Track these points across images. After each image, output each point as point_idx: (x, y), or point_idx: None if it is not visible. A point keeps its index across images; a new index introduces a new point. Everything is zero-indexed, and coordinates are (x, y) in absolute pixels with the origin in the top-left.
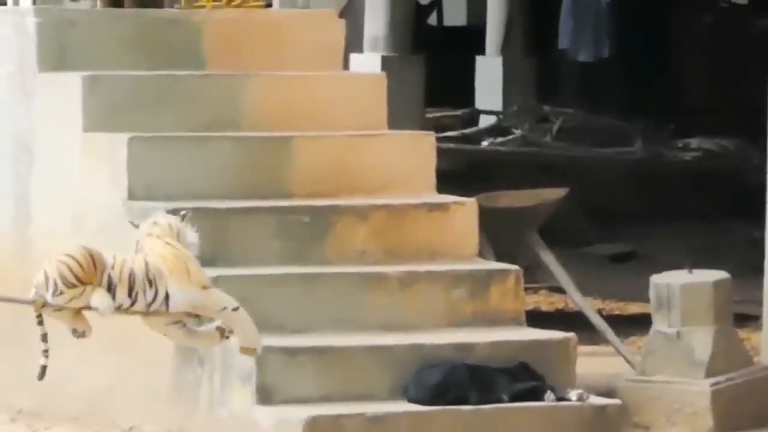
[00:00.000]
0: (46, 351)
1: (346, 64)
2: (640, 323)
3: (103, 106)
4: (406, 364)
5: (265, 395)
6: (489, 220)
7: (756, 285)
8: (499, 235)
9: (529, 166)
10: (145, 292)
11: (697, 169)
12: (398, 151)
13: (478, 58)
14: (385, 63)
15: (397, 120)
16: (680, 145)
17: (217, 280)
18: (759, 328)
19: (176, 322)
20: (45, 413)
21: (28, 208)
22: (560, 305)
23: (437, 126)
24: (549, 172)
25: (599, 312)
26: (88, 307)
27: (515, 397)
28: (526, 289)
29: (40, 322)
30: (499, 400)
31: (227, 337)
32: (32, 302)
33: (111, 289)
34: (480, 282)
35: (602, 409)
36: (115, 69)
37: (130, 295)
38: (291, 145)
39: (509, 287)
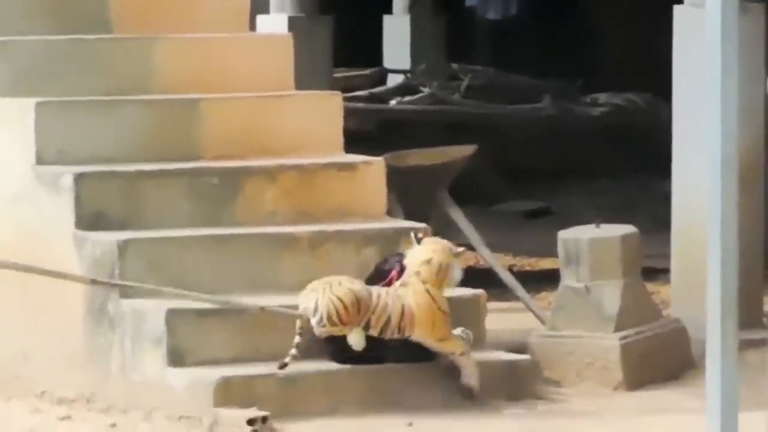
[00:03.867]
0: (294, 356)
1: (253, 26)
2: (551, 279)
3: (11, 72)
4: None
5: (177, 358)
6: (398, 179)
7: (666, 239)
8: (409, 193)
9: (439, 125)
10: (393, 334)
11: (606, 125)
12: (306, 112)
13: (386, 17)
14: (292, 23)
15: (305, 81)
16: (589, 100)
17: (128, 244)
18: (668, 281)
19: None
20: None
21: None
22: (471, 263)
23: (346, 86)
24: (459, 130)
25: (510, 268)
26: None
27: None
28: None
29: (301, 335)
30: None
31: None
32: (299, 317)
33: (366, 327)
34: (390, 241)
35: (513, 364)
36: (23, 34)
37: (380, 334)
38: (200, 108)
39: None
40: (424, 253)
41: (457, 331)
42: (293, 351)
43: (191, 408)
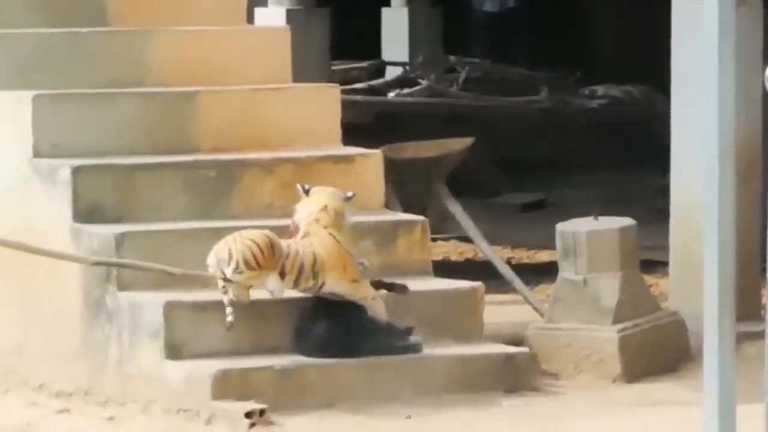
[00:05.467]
0: (231, 312)
1: (251, 19)
2: (549, 271)
3: (8, 65)
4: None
5: (174, 351)
6: (395, 172)
7: (664, 231)
8: (406, 186)
9: (436, 117)
10: (307, 281)
11: (604, 117)
12: (303, 105)
13: (384, 10)
14: (290, 16)
15: (303, 73)
16: (586, 92)
17: (124, 237)
18: (667, 274)
19: None
20: None
21: None
22: (469, 255)
23: (344, 78)
24: (456, 122)
25: (508, 261)
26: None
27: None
28: (436, 239)
29: (225, 292)
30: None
31: None
32: (212, 276)
33: (282, 275)
34: (387, 233)
35: (511, 357)
36: (19, 27)
37: (295, 282)
38: (196, 101)
39: (416, 238)
40: (317, 201)
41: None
42: (228, 312)
43: (189, 401)
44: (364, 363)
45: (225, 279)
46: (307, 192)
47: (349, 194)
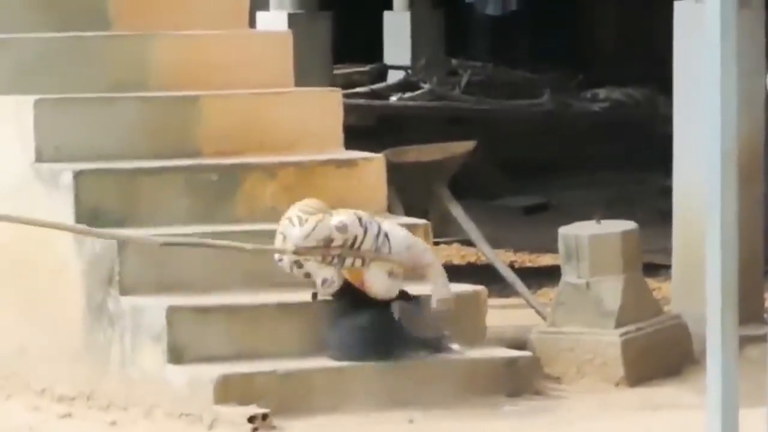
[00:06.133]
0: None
1: (253, 23)
2: (552, 275)
3: (10, 69)
4: (318, 320)
5: (177, 354)
6: (398, 175)
7: (667, 234)
8: (409, 189)
9: (439, 120)
10: (370, 224)
11: (606, 120)
12: (305, 109)
13: (386, 13)
14: (292, 20)
15: (306, 77)
16: (588, 95)
17: (126, 241)
18: (669, 277)
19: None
20: None
21: None
22: (472, 258)
23: (346, 82)
24: (459, 125)
25: (511, 264)
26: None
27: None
28: (439, 243)
29: (300, 266)
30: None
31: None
32: (284, 250)
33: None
34: None
35: (513, 361)
36: (22, 31)
37: (359, 224)
38: (198, 104)
39: None
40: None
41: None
42: (319, 283)
43: (191, 405)
44: (365, 366)
45: (297, 251)
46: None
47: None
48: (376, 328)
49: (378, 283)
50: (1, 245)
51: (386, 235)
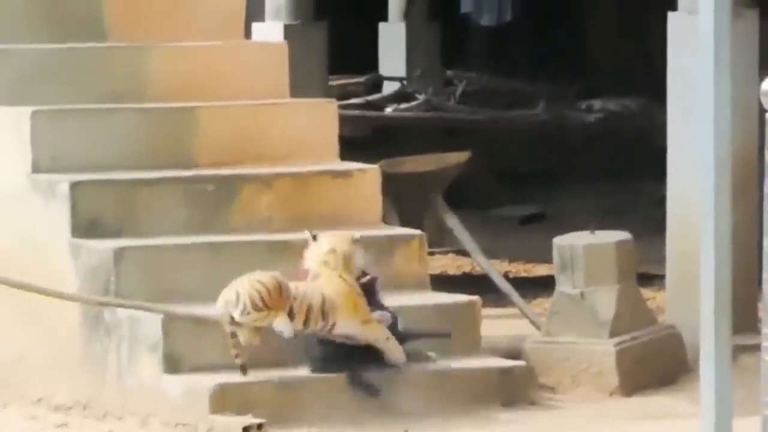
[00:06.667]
0: (237, 356)
1: (248, 34)
2: (546, 285)
3: (7, 80)
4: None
5: (173, 364)
6: (393, 186)
7: (662, 244)
8: (404, 200)
9: (434, 131)
10: (317, 322)
11: (601, 130)
12: (301, 120)
13: (381, 24)
14: (288, 31)
15: (301, 88)
16: (584, 106)
17: (123, 251)
18: (664, 287)
19: None
20: None
21: None
22: (467, 269)
23: (342, 93)
24: (454, 136)
25: (506, 274)
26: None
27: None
28: (435, 253)
29: (234, 336)
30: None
31: None
32: (220, 319)
33: (291, 316)
34: (384, 247)
35: (508, 371)
36: (19, 42)
37: (305, 323)
38: (195, 115)
39: (413, 252)
40: (326, 244)
41: (377, 314)
42: (235, 355)
43: (187, 415)
44: (359, 377)
45: (233, 322)
46: (314, 238)
47: (357, 236)
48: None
49: (396, 350)
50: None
51: (332, 326)
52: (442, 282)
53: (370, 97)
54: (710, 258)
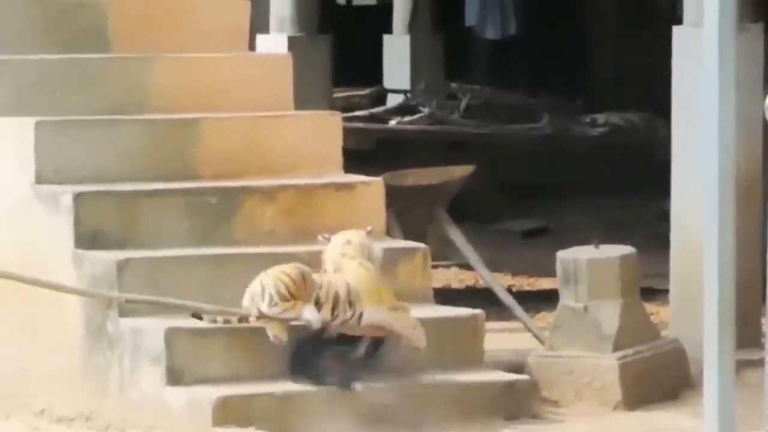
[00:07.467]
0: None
1: (253, 46)
2: (550, 298)
3: (10, 91)
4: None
5: (176, 376)
6: (396, 199)
7: (665, 258)
8: (407, 213)
9: (438, 144)
10: (345, 311)
11: (605, 144)
12: (304, 132)
13: (386, 37)
14: (292, 43)
15: (305, 100)
16: (588, 120)
17: (126, 263)
18: (667, 301)
19: None
20: None
21: None
22: (470, 282)
23: (346, 105)
24: (458, 149)
25: (509, 288)
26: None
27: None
28: (437, 266)
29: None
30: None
31: None
32: (248, 314)
33: (318, 306)
34: (388, 260)
35: (511, 384)
36: (22, 53)
37: (332, 312)
38: (198, 127)
39: (417, 265)
40: (341, 238)
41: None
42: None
43: (190, 427)
44: (366, 390)
45: (261, 316)
46: (328, 239)
47: (369, 228)
48: (340, 354)
49: (422, 339)
50: (1, 266)
51: (359, 316)
52: (445, 295)
53: (374, 110)
54: (713, 272)
